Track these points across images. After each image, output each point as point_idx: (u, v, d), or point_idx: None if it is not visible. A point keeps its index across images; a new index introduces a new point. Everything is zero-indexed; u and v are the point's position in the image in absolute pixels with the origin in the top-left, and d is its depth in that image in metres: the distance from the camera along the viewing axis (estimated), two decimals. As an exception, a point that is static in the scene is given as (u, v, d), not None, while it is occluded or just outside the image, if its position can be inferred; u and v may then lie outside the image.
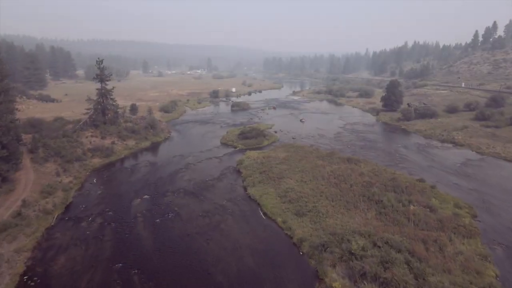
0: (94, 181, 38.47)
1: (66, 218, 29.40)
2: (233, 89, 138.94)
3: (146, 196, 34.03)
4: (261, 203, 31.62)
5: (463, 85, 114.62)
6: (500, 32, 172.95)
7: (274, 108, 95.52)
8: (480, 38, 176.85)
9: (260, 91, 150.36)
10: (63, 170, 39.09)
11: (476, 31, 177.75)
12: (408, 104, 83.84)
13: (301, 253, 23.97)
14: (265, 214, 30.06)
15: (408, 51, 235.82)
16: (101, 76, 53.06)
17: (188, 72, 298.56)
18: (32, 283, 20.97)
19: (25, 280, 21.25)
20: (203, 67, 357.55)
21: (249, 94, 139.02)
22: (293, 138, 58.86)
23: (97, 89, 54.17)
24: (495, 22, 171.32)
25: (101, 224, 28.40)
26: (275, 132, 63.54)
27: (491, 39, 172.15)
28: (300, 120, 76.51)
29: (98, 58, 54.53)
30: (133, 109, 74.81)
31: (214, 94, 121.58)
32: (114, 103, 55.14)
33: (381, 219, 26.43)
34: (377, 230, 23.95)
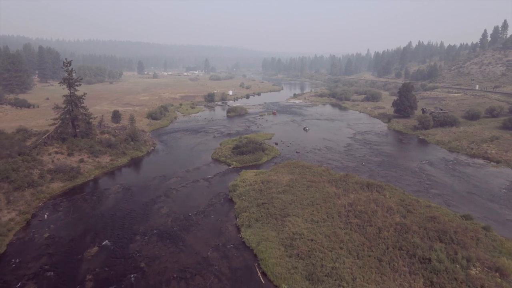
0: (45, 216, 30.01)
1: (-14, 284, 20.95)
2: (230, 92, 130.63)
3: (106, 242, 25.61)
4: (259, 255, 23.24)
5: (477, 88, 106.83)
6: (510, 31, 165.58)
7: (275, 113, 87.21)
8: (488, 38, 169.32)
9: (258, 94, 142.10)
10: (7, 201, 30.68)
11: (485, 30, 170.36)
12: (422, 109, 75.62)
13: None
14: (264, 274, 21.71)
15: (412, 51, 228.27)
16: (69, 80, 44.57)
17: (185, 73, 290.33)
18: None
19: None
20: (200, 67, 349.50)
21: (247, 97, 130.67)
22: (296, 152, 50.54)
23: (64, 96, 45.73)
24: (505, 21, 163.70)
25: (32, 295, 19.97)
26: (276, 143, 55.22)
27: (498, 39, 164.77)
28: (304, 129, 68.20)
29: (66, 59, 46.08)
30: (116, 116, 66.41)
31: (210, 98, 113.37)
32: (85, 112, 46.67)
33: (435, 295, 18.07)
34: (437, 324, 15.58)
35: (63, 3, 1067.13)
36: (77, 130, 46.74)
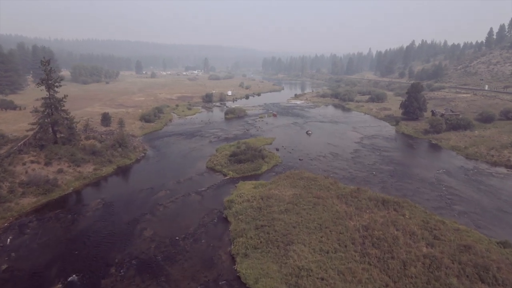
0: (8, 241, 25.69)
1: None
2: (229, 92, 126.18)
3: (73, 278, 21.30)
4: (258, 297, 18.90)
5: (486, 88, 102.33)
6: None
7: (275, 115, 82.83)
8: (494, 36, 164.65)
9: (258, 94, 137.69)
10: (-35, 223, 26.36)
11: (491, 28, 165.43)
12: (432, 111, 71.22)
13: None
14: (264, 324, 17.38)
15: (415, 50, 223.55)
16: (48, 81, 40.22)
17: (184, 73, 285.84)
18: None
19: None
20: (200, 67, 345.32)
21: (247, 97, 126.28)
22: (299, 159, 46.20)
23: (43, 98, 41.42)
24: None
25: None
26: (277, 149, 50.88)
27: (505, 38, 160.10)
28: (306, 132, 63.83)
29: (44, 57, 41.74)
30: (105, 119, 62.07)
31: (207, 98, 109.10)
32: (67, 116, 42.37)
33: None
34: None
35: (63, 3, 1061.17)
36: (58, 136, 42.40)
